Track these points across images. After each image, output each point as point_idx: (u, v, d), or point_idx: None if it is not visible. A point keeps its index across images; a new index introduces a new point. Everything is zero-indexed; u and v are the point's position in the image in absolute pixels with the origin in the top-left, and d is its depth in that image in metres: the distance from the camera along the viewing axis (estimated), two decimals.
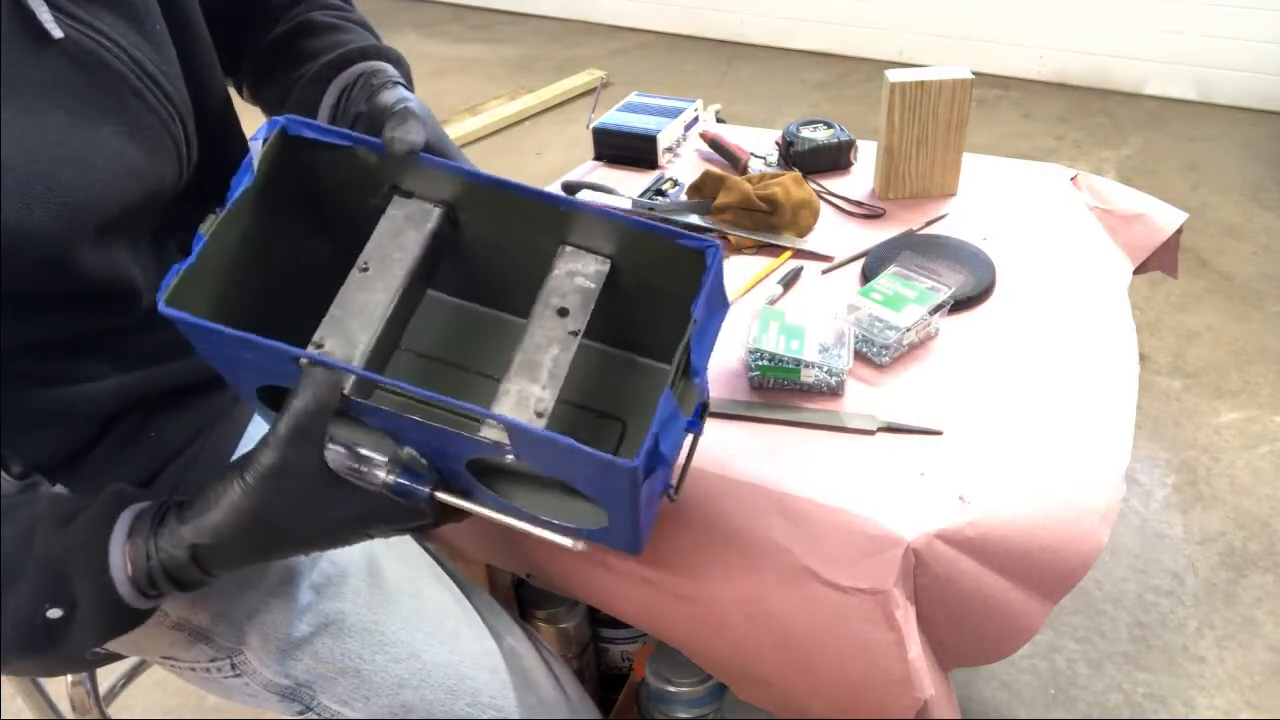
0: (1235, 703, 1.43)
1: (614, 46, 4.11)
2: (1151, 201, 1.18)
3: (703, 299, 0.61)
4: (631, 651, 1.31)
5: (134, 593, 0.58)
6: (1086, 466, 0.80)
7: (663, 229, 0.64)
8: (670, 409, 0.58)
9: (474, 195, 0.66)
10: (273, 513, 0.57)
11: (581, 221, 0.65)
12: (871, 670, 0.74)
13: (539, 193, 0.64)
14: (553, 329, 0.64)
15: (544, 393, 0.61)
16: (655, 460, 0.57)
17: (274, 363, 0.58)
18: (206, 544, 0.57)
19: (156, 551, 0.58)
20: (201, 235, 0.59)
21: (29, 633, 0.57)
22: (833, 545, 0.74)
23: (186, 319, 0.56)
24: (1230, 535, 1.70)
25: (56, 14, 0.58)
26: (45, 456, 0.69)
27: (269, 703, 0.80)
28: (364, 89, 0.72)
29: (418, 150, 0.62)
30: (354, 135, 0.64)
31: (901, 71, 1.14)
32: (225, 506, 0.56)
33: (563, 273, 0.67)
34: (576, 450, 0.54)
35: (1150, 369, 2.09)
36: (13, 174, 0.56)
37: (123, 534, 0.58)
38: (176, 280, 0.57)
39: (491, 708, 0.81)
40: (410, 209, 0.67)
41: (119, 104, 0.62)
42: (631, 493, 0.58)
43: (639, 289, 0.69)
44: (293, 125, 0.63)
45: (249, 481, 0.56)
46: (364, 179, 0.66)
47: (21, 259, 0.58)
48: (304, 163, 0.65)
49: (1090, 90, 3.41)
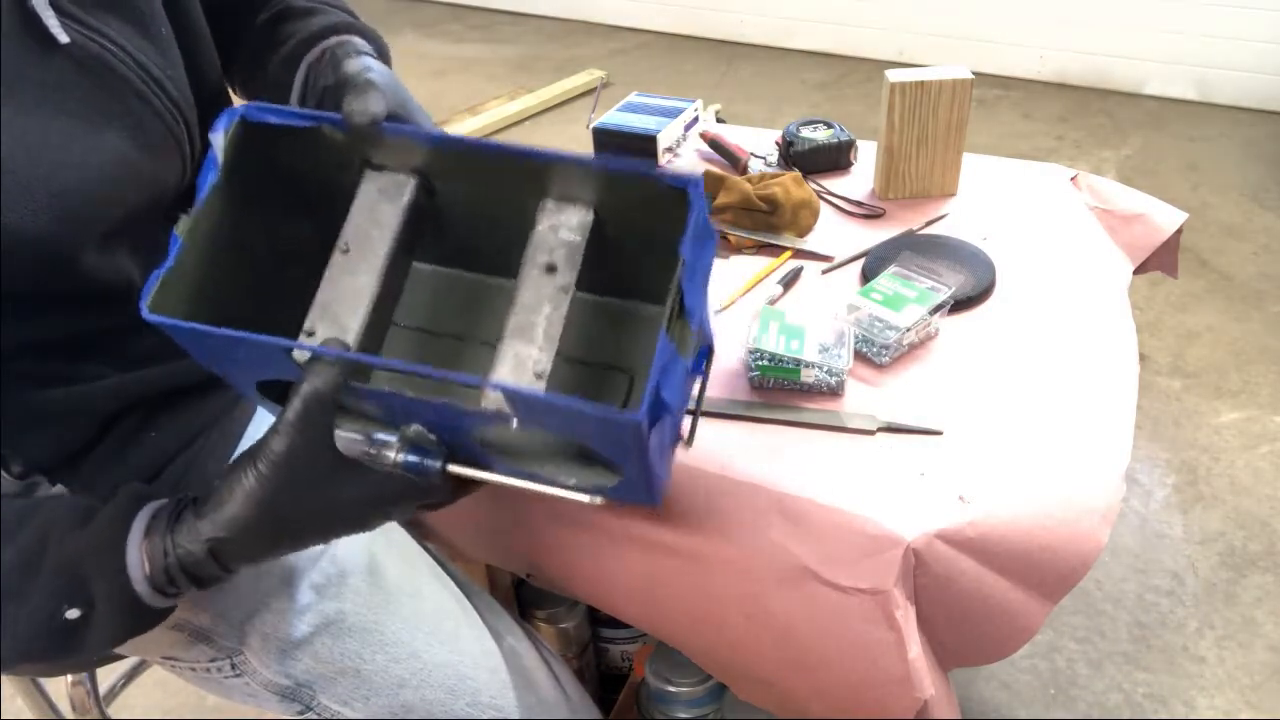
0: (1235, 703, 1.43)
1: (614, 46, 4.11)
2: (1151, 201, 1.18)
3: (688, 238, 0.59)
4: (631, 651, 1.31)
5: (152, 592, 0.58)
6: (1086, 466, 0.80)
7: (644, 169, 0.62)
8: (669, 354, 0.57)
9: (446, 161, 0.64)
10: (288, 500, 0.57)
11: (560, 173, 0.63)
12: (871, 670, 0.74)
13: (512, 149, 0.62)
14: (543, 287, 0.63)
15: (540, 354, 0.61)
16: (659, 409, 0.56)
17: (268, 357, 0.57)
18: (224, 537, 0.57)
19: (174, 549, 0.57)
20: (176, 236, 0.58)
21: (47, 634, 0.57)
22: (833, 545, 0.74)
23: (171, 323, 0.55)
24: (1230, 535, 1.70)
25: (62, 19, 0.58)
26: (45, 456, 0.69)
27: (269, 703, 0.80)
28: (330, 62, 0.71)
29: (379, 120, 0.60)
30: (314, 114, 0.62)
31: (901, 71, 1.14)
32: (240, 498, 0.56)
33: (546, 228, 0.65)
34: (577, 408, 0.54)
35: (1150, 369, 2.09)
36: (14, 177, 0.56)
37: (140, 533, 0.58)
38: (157, 285, 0.56)
39: (491, 708, 0.81)
40: (383, 182, 0.65)
41: (123, 108, 0.62)
42: (639, 445, 0.57)
43: (626, 235, 0.67)
44: (251, 112, 0.61)
45: (262, 470, 0.55)
46: (334, 156, 0.65)
47: (24, 260, 0.58)
48: (270, 148, 0.63)
49: (1090, 90, 3.41)
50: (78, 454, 0.70)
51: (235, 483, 0.56)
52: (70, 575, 0.57)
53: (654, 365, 0.55)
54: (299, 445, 0.55)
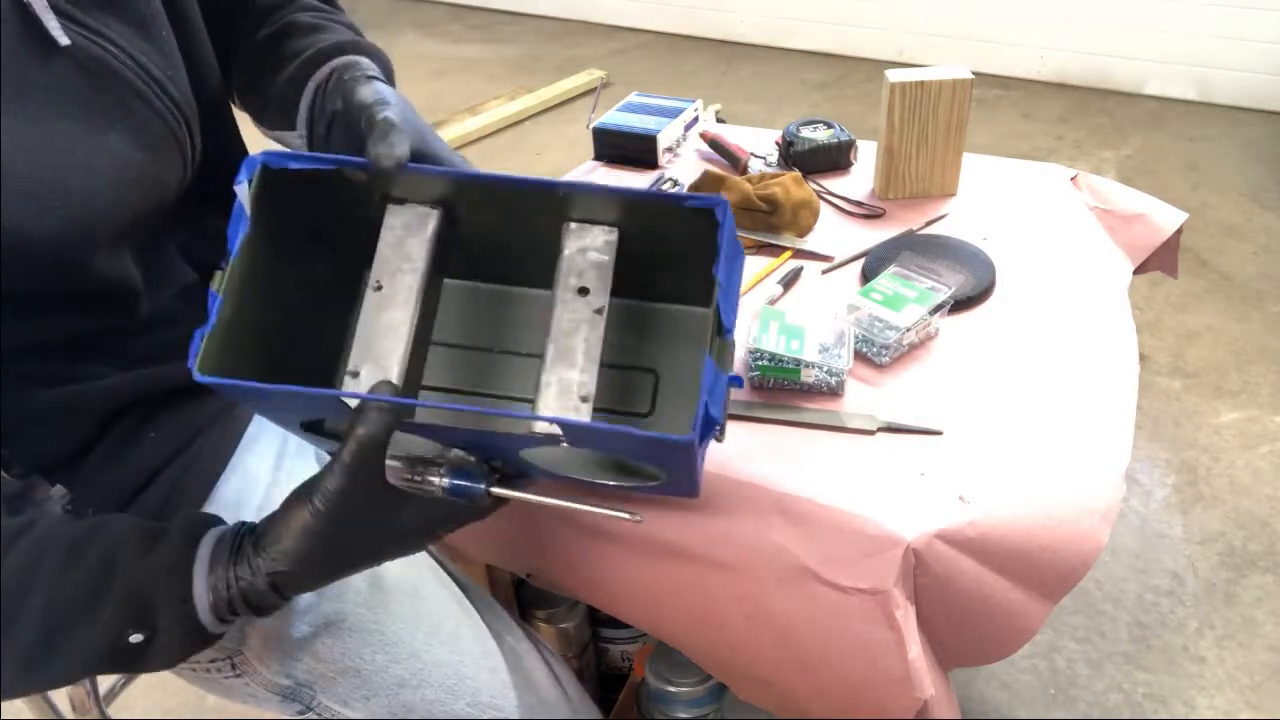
0: (1235, 703, 1.43)
1: (614, 46, 4.11)
2: (1151, 201, 1.18)
3: (722, 260, 0.61)
4: (631, 651, 1.31)
5: (214, 620, 0.60)
6: (1086, 466, 0.80)
7: (665, 195, 0.64)
8: (713, 374, 0.59)
9: (468, 192, 0.66)
10: (343, 533, 0.59)
11: (582, 200, 0.66)
12: (871, 670, 0.74)
13: (534, 182, 0.64)
14: (578, 310, 0.65)
15: (584, 376, 0.62)
16: (708, 428, 0.58)
17: (317, 403, 0.60)
18: (284, 570, 0.59)
19: (236, 581, 0.59)
20: (214, 293, 0.60)
21: (110, 655, 0.59)
22: (833, 545, 0.74)
23: (224, 383, 0.57)
24: (1230, 535, 1.70)
25: (63, 21, 0.58)
26: (45, 456, 0.69)
27: (269, 703, 0.80)
28: (338, 85, 0.71)
29: (404, 163, 0.61)
30: (336, 158, 0.63)
31: (901, 71, 1.14)
32: (297, 532, 0.58)
33: (574, 250, 0.67)
34: (631, 435, 0.56)
35: (1150, 369, 2.09)
36: (17, 181, 0.56)
37: (204, 563, 0.60)
38: (203, 346, 0.58)
39: (492, 707, 0.81)
40: (407, 216, 0.67)
41: (125, 110, 0.62)
42: (689, 459, 0.60)
43: (650, 249, 0.69)
44: (272, 160, 0.63)
45: (318, 507, 0.57)
46: (354, 194, 0.66)
47: (31, 262, 0.58)
48: (292, 192, 0.65)
49: (1090, 90, 3.40)
50: (77, 454, 0.70)
51: (291, 519, 0.58)
52: (138, 602, 0.58)
53: (702, 386, 0.57)
54: (353, 485, 0.57)
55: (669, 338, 0.76)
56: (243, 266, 0.62)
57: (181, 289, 0.73)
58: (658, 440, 0.57)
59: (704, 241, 0.62)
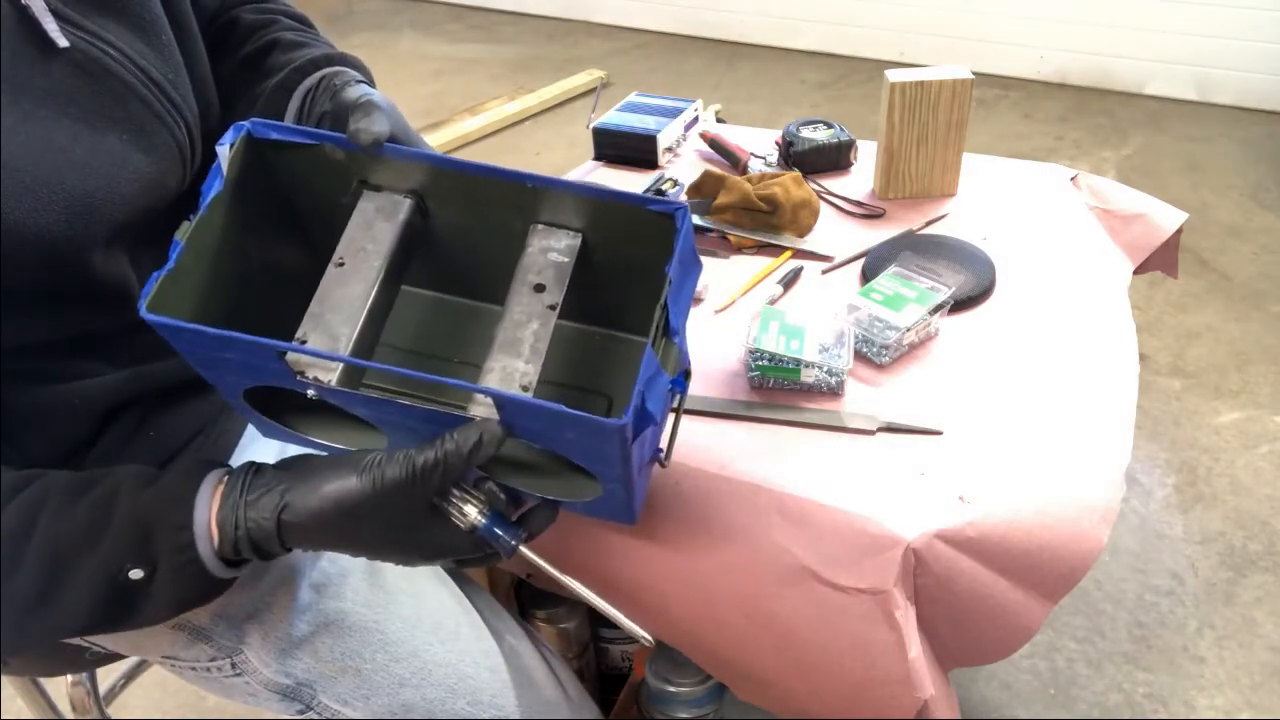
0: (1235, 703, 1.43)
1: (614, 46, 4.11)
2: (1151, 201, 1.18)
3: (676, 260, 0.61)
4: (631, 651, 1.31)
5: (215, 558, 0.59)
6: (1086, 466, 0.80)
7: (631, 196, 0.64)
8: (654, 367, 0.58)
9: (442, 182, 0.67)
10: (369, 519, 0.59)
11: (551, 198, 0.66)
12: (871, 670, 0.74)
13: (506, 172, 0.65)
14: (531, 305, 0.65)
15: (528, 366, 0.62)
16: (643, 420, 0.57)
17: (258, 360, 0.58)
18: (296, 524, 0.58)
19: (245, 521, 0.58)
20: (178, 241, 0.59)
21: (110, 594, 0.58)
22: (833, 545, 0.74)
23: (168, 323, 0.56)
24: (1230, 535, 1.70)
25: (62, 24, 0.59)
26: (45, 454, 0.69)
27: (269, 702, 0.80)
28: (327, 89, 0.73)
29: (383, 141, 0.62)
30: (318, 132, 0.64)
31: (901, 71, 1.14)
32: (331, 497, 0.58)
33: (536, 249, 0.67)
34: (565, 415, 0.55)
35: (1150, 369, 2.09)
36: (15, 176, 0.56)
37: (207, 496, 0.59)
38: (156, 287, 0.58)
39: (492, 707, 0.81)
40: (380, 202, 0.67)
41: (125, 112, 0.63)
42: (623, 453, 0.59)
43: (611, 262, 0.69)
44: (257, 128, 0.64)
45: (365, 487, 0.57)
46: (332, 176, 0.67)
47: (28, 258, 0.58)
48: (272, 165, 0.65)
49: (1090, 90, 3.41)
50: (77, 452, 0.70)
51: (328, 483, 0.58)
52: (138, 532, 0.58)
53: (640, 375, 0.57)
54: (411, 484, 0.57)
55: (625, 366, 0.76)
56: (212, 228, 0.62)
57: None
58: (592, 424, 0.55)
59: (666, 256, 0.62)
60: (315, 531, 0.59)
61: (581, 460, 0.63)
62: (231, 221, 0.64)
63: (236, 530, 0.58)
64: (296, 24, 0.84)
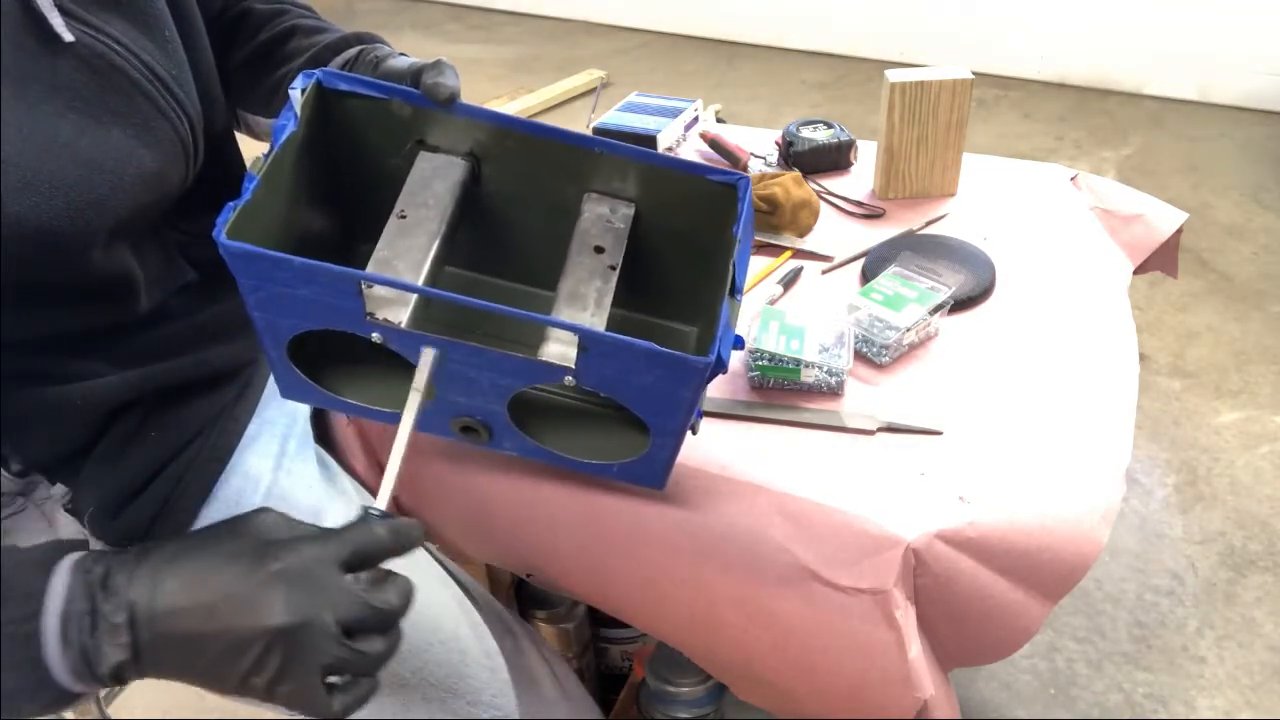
0: (1235, 703, 1.43)
1: (614, 46, 4.11)
2: (1151, 201, 1.18)
3: (742, 222, 0.63)
4: (631, 651, 1.31)
5: (66, 671, 0.53)
6: (1086, 466, 0.80)
7: (693, 166, 0.65)
8: (728, 317, 0.59)
9: (500, 145, 0.67)
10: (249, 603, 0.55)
11: (608, 165, 0.67)
12: (871, 670, 0.74)
13: (571, 135, 0.65)
14: (592, 264, 0.66)
15: (594, 319, 0.63)
16: (719, 364, 0.58)
17: (333, 296, 0.58)
18: (161, 618, 0.54)
19: (96, 618, 0.52)
20: (253, 175, 0.59)
21: None
22: (833, 545, 0.74)
23: (249, 249, 0.56)
24: (1230, 535, 1.70)
25: (67, 19, 0.59)
26: (45, 454, 0.69)
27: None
28: (367, 62, 0.73)
29: (457, 96, 0.62)
30: (389, 86, 0.65)
31: (901, 71, 1.14)
32: (217, 571, 0.55)
33: (593, 215, 0.69)
34: (653, 351, 0.56)
35: (1150, 369, 2.09)
36: (18, 170, 0.56)
37: (60, 588, 0.53)
38: (234, 215, 0.57)
39: (492, 707, 0.81)
40: (437, 162, 0.68)
41: (129, 107, 0.63)
42: (694, 397, 0.59)
43: (659, 237, 0.70)
44: (328, 78, 0.64)
45: (272, 562, 0.54)
46: (390, 134, 0.67)
47: (27, 252, 0.58)
48: (333, 119, 0.65)
49: (1090, 90, 3.40)
50: (77, 452, 0.70)
51: (213, 554, 0.55)
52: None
53: (720, 322, 0.58)
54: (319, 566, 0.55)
55: None
56: (283, 167, 0.62)
57: (180, 287, 0.73)
58: (677, 360, 0.55)
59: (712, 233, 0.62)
60: (180, 643, 0.56)
61: (644, 410, 0.62)
62: (302, 162, 0.64)
63: (85, 635, 0.53)
64: (309, 12, 0.84)
